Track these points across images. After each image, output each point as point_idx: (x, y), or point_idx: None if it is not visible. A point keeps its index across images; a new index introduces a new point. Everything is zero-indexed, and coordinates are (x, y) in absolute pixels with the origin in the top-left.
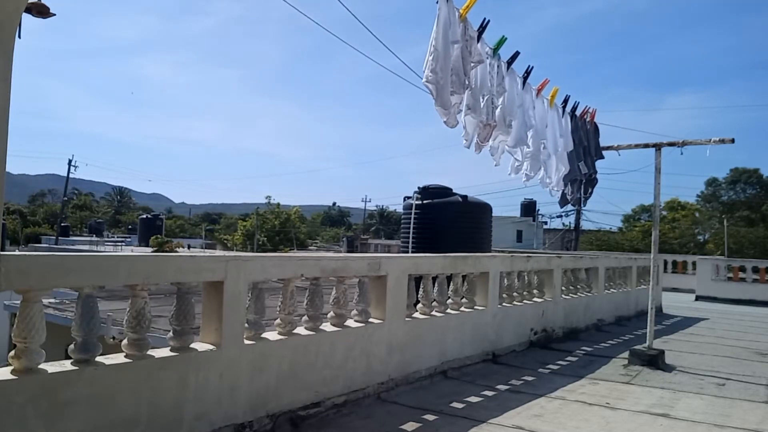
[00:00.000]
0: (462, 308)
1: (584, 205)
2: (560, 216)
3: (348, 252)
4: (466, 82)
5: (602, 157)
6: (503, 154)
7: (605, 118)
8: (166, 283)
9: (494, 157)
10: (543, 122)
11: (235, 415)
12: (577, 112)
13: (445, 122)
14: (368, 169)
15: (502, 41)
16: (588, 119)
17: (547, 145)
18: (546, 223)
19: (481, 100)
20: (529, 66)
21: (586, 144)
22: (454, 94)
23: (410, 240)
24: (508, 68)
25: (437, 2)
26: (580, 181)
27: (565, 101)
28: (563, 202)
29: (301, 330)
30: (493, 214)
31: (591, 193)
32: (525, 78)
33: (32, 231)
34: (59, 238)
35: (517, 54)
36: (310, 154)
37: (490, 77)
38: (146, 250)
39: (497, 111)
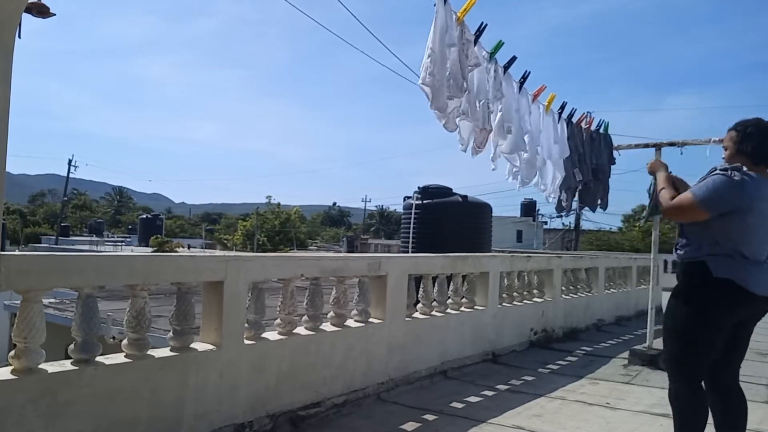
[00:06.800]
0: (462, 308)
1: (593, 210)
2: (560, 216)
3: (348, 252)
4: (465, 86)
5: (602, 164)
6: (499, 158)
7: (605, 118)
8: (166, 283)
9: (493, 162)
10: (538, 128)
11: (235, 414)
12: (574, 119)
13: (444, 125)
14: (368, 169)
15: (499, 45)
16: (585, 126)
17: (540, 152)
18: (546, 223)
19: (477, 104)
20: (525, 71)
21: (581, 151)
22: (453, 98)
23: (410, 240)
24: (504, 72)
25: (434, 4)
26: (575, 188)
27: (562, 108)
28: (559, 208)
29: (301, 330)
30: (493, 214)
31: (588, 198)
32: (521, 83)
33: (32, 231)
34: (59, 238)
35: (513, 59)
36: (310, 154)
37: (487, 82)
38: (146, 250)
39: (493, 116)
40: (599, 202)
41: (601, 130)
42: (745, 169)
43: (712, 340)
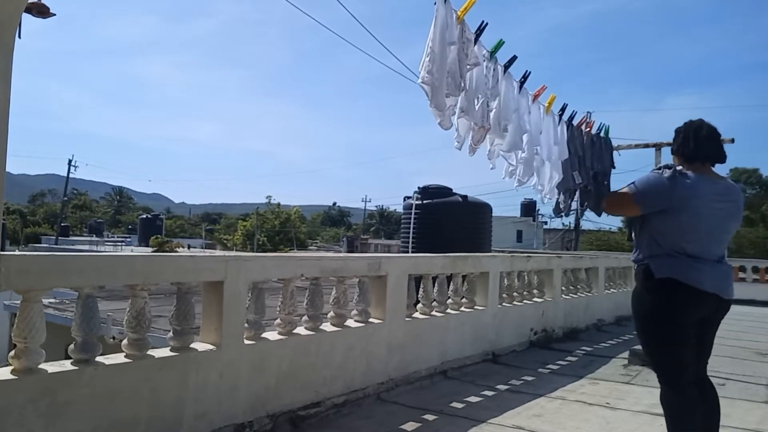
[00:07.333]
0: (462, 308)
1: (598, 214)
2: (559, 216)
3: (348, 252)
4: (462, 85)
5: (604, 168)
6: (498, 157)
7: (605, 119)
8: (166, 283)
9: (491, 160)
10: (537, 128)
11: (235, 414)
12: (575, 122)
13: (439, 123)
14: (368, 169)
15: (499, 44)
16: (585, 129)
17: (540, 152)
18: (546, 223)
19: (476, 102)
20: (526, 71)
21: (581, 154)
22: (450, 96)
23: (410, 240)
24: (504, 72)
25: (435, 3)
26: (574, 191)
27: (563, 109)
28: (557, 211)
29: (301, 330)
30: (493, 214)
31: (586, 204)
32: (522, 83)
33: (32, 231)
34: (59, 238)
35: (514, 58)
36: (310, 154)
37: (486, 80)
38: (146, 250)
39: (492, 114)
40: (602, 206)
41: (602, 134)
42: (680, 168)
43: (675, 339)
